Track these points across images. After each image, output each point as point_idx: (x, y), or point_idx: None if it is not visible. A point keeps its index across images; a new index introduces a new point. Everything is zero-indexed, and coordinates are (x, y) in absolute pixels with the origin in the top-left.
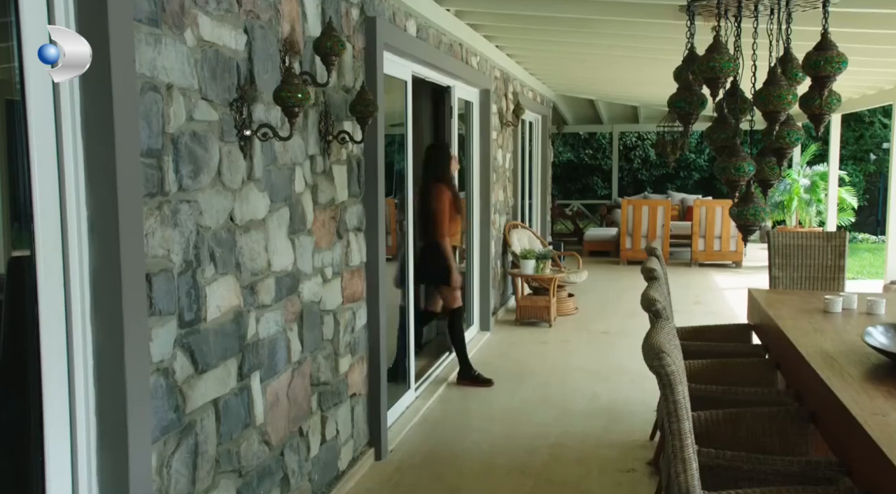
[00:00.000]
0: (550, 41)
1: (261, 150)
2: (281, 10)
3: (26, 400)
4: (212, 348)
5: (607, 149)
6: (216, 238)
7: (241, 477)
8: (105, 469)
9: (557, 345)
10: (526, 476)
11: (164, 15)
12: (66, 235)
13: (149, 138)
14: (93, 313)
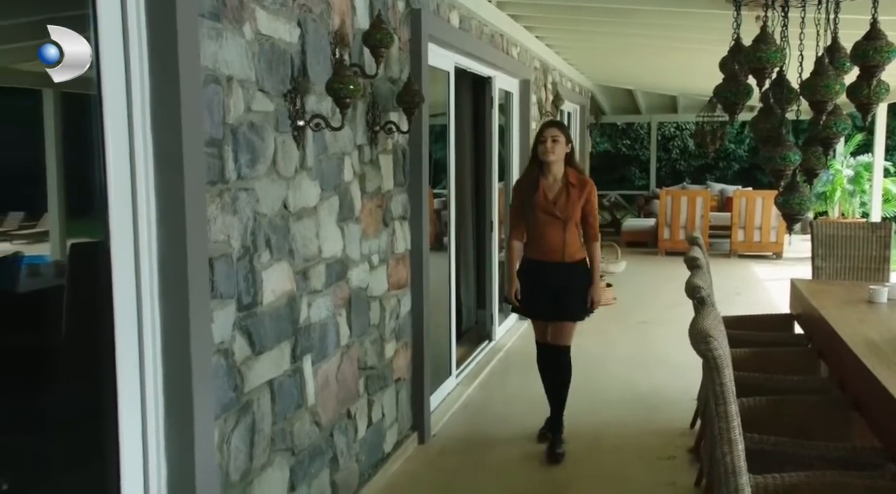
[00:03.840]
0: (590, 31)
1: (312, 140)
2: (332, 3)
3: (90, 376)
4: (267, 331)
5: (645, 139)
6: (271, 225)
7: (294, 456)
8: (172, 442)
9: (595, 334)
10: (566, 461)
11: (224, 10)
12: (137, 222)
13: (211, 128)
14: (161, 295)
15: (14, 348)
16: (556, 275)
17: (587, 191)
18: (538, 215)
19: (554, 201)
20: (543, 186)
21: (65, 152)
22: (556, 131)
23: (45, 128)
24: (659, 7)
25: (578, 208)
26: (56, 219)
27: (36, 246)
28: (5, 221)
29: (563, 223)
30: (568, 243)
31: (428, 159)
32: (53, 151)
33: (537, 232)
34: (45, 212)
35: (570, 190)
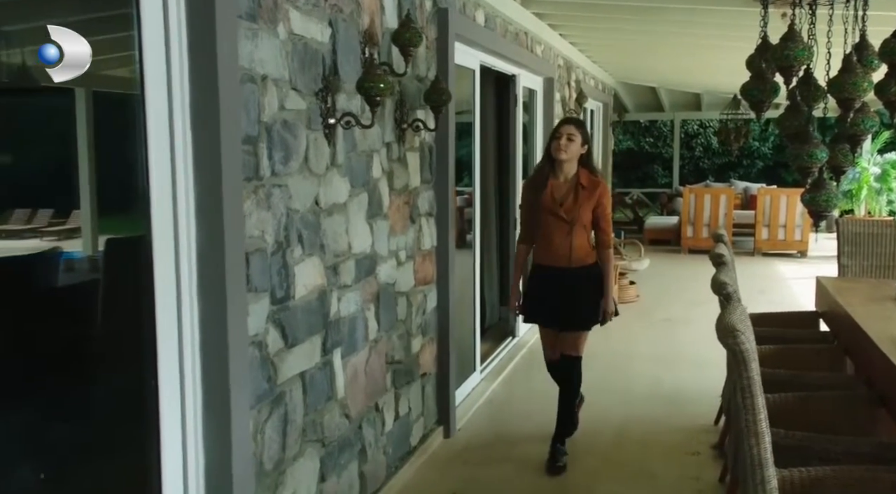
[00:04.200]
0: (614, 29)
1: (342, 138)
2: (361, 3)
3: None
4: (299, 324)
5: (668, 137)
6: (303, 220)
7: (325, 447)
8: (210, 431)
9: (619, 332)
10: (591, 456)
11: (260, 10)
12: (177, 217)
13: (246, 126)
14: (199, 289)
15: (55, 339)
16: (563, 281)
17: (598, 194)
18: (544, 217)
19: (560, 202)
20: (552, 186)
21: (97, 151)
22: (572, 129)
23: (77, 127)
24: (684, 5)
25: (587, 211)
26: (88, 216)
27: (64, 242)
28: (35, 218)
29: (568, 226)
30: (574, 247)
31: (454, 157)
32: (86, 150)
33: (544, 234)
34: (74, 210)
35: (578, 191)
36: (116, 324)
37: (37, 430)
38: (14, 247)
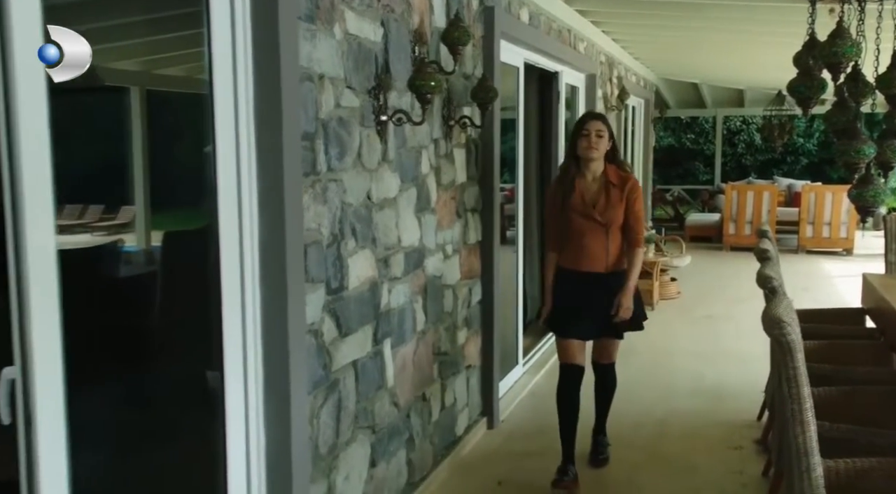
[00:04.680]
0: (658, 26)
1: (393, 134)
2: (412, 3)
3: (189, 354)
4: (352, 314)
5: (710, 133)
6: (357, 214)
7: (375, 434)
8: (270, 415)
9: (660, 328)
10: (633, 449)
11: (318, 12)
12: (241, 210)
13: (305, 123)
14: (261, 279)
15: (124, 327)
16: (601, 288)
17: (629, 190)
18: (575, 220)
19: (593, 203)
20: (580, 187)
21: (151, 148)
22: (600, 125)
23: (131, 125)
24: (730, 1)
25: (621, 210)
26: (141, 212)
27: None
28: (86, 213)
29: (604, 228)
30: (611, 251)
31: (499, 153)
32: (140, 148)
33: (575, 239)
34: (123, 206)
35: (610, 190)
36: (176, 313)
37: (113, 413)
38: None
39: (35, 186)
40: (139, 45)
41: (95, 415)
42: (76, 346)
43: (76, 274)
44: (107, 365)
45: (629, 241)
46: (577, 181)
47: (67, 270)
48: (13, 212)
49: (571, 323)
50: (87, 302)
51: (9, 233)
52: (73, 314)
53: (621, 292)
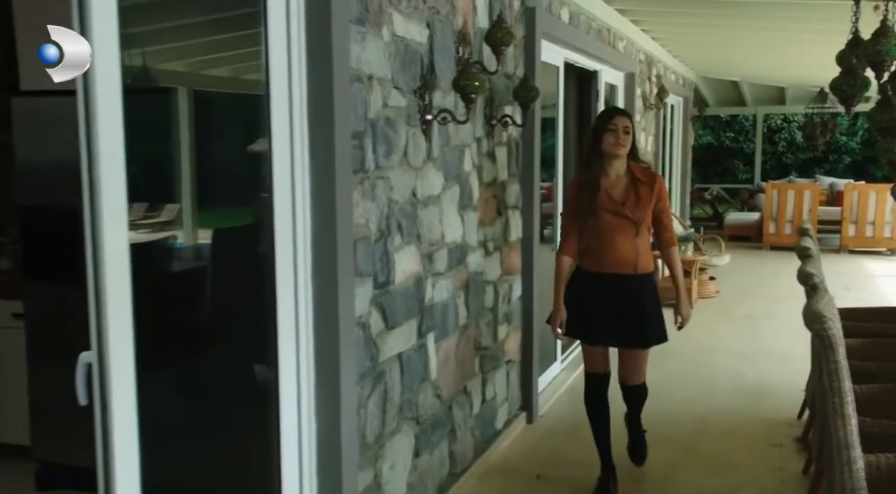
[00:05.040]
0: (698, 24)
1: (438, 133)
2: (456, 4)
3: (243, 345)
4: (398, 308)
5: (750, 131)
6: (402, 211)
7: (419, 425)
8: (321, 403)
9: (699, 326)
10: (672, 445)
11: (367, 15)
12: (295, 206)
13: (354, 123)
14: (313, 272)
15: (177, 319)
16: (627, 291)
17: (658, 187)
18: (603, 219)
19: (622, 201)
20: (605, 185)
21: (197, 148)
22: (627, 120)
23: (179, 125)
24: None
25: (650, 208)
26: (188, 209)
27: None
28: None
29: (635, 227)
30: (641, 251)
31: (539, 151)
32: (187, 147)
33: (602, 239)
34: (167, 204)
35: (638, 187)
36: (228, 306)
37: (174, 399)
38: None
39: (111, 184)
40: (188, 46)
41: (159, 401)
42: (142, 336)
43: (138, 268)
44: (168, 354)
45: (664, 240)
46: (601, 179)
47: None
48: (91, 208)
49: (596, 328)
50: (149, 294)
51: (86, 228)
52: (138, 305)
53: (678, 303)
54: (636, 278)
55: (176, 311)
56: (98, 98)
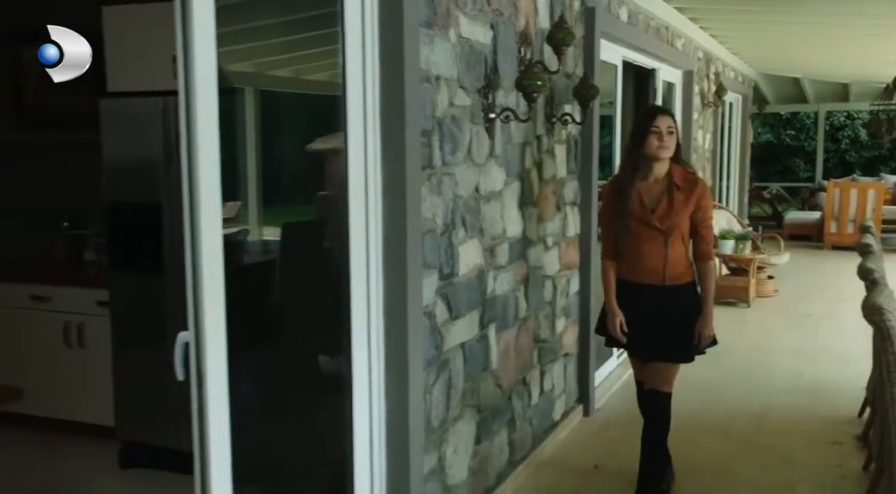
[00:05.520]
0: (758, 21)
1: (500, 131)
2: (518, 6)
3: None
4: (462, 299)
5: (811, 129)
6: (466, 206)
7: (480, 413)
8: (391, 387)
9: (756, 325)
10: (729, 439)
11: (435, 18)
12: (368, 201)
13: (423, 121)
14: (384, 262)
15: (253, 307)
16: (654, 303)
17: (697, 194)
18: (631, 225)
19: (652, 208)
20: (640, 189)
21: (262, 147)
22: (671, 121)
23: (245, 125)
24: None
25: (685, 217)
26: (254, 206)
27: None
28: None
29: (663, 236)
30: (670, 262)
31: (597, 149)
32: (253, 147)
33: (630, 246)
34: (227, 201)
35: (673, 193)
36: (299, 296)
37: (257, 380)
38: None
39: (208, 181)
40: (258, 47)
41: (245, 380)
42: (230, 320)
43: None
44: (251, 338)
45: (700, 253)
46: (637, 182)
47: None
48: (190, 201)
49: (629, 339)
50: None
51: (186, 220)
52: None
53: (701, 319)
54: (665, 290)
55: (255, 299)
56: (198, 99)
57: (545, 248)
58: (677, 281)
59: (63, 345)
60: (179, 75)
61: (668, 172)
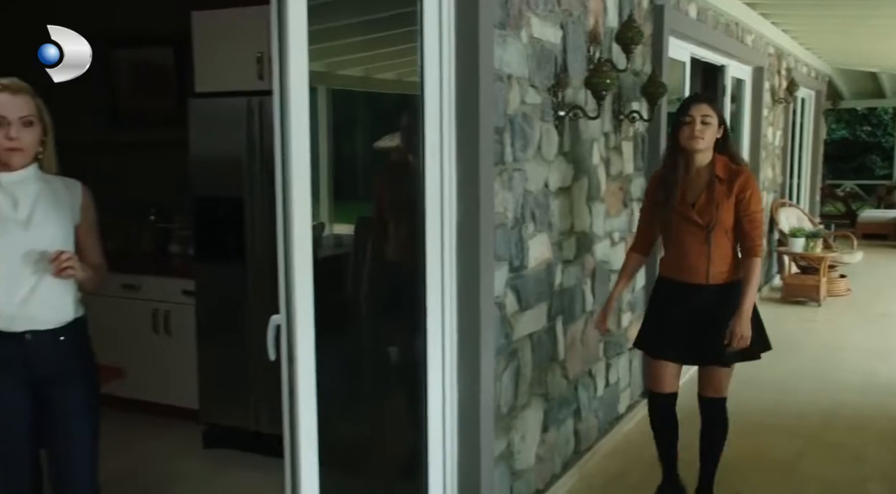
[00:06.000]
0: (833, 15)
1: (569, 128)
2: (588, 6)
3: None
4: (531, 291)
5: (889, 125)
6: (536, 201)
7: (547, 402)
8: (463, 372)
9: (828, 324)
10: (796, 436)
11: (508, 19)
12: (443, 195)
13: (496, 119)
14: (458, 254)
15: (333, 296)
16: (699, 302)
17: (739, 185)
18: (674, 221)
19: (692, 202)
20: (683, 182)
21: (334, 145)
22: (706, 109)
23: (318, 123)
24: None
25: (728, 210)
26: (326, 202)
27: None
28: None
29: (705, 232)
30: (714, 259)
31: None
32: (325, 144)
33: (673, 243)
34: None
35: (714, 186)
36: (374, 286)
37: (337, 365)
38: None
39: (300, 174)
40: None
41: (327, 365)
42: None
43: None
44: (331, 326)
45: (744, 249)
46: (679, 176)
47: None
48: (283, 195)
49: (665, 341)
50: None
51: (278, 212)
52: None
53: (734, 317)
54: (710, 289)
55: (333, 290)
56: (291, 97)
57: (611, 243)
58: (723, 280)
59: (151, 332)
60: (274, 74)
61: (710, 163)
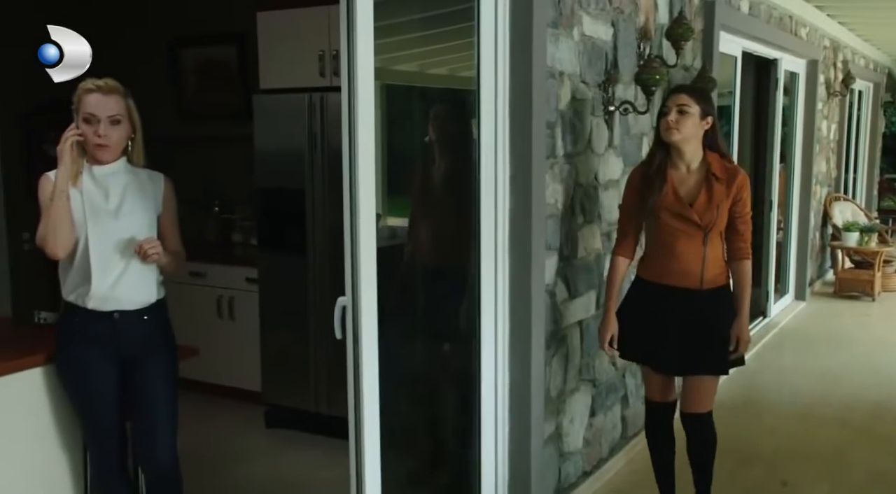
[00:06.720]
0: (891, 6)
1: (619, 122)
2: (639, 3)
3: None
4: (579, 280)
5: None
6: (585, 193)
7: (595, 387)
8: (514, 356)
9: (882, 318)
10: (845, 427)
11: (561, 18)
12: (497, 186)
13: (547, 114)
14: (510, 243)
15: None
16: (691, 308)
17: (737, 187)
18: (664, 221)
19: (690, 201)
20: (673, 180)
21: (388, 139)
22: (684, 98)
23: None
24: None
25: (725, 211)
26: (380, 194)
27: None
28: None
29: (703, 233)
30: (709, 262)
31: None
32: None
33: (663, 245)
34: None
35: (712, 185)
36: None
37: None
38: None
39: (366, 166)
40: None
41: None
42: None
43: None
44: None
45: (736, 250)
46: (669, 172)
47: None
48: (350, 185)
49: (653, 351)
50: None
51: (346, 201)
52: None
53: (736, 322)
54: (703, 294)
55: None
56: (359, 92)
57: None
58: (715, 284)
59: (216, 317)
60: (343, 70)
61: (703, 161)
